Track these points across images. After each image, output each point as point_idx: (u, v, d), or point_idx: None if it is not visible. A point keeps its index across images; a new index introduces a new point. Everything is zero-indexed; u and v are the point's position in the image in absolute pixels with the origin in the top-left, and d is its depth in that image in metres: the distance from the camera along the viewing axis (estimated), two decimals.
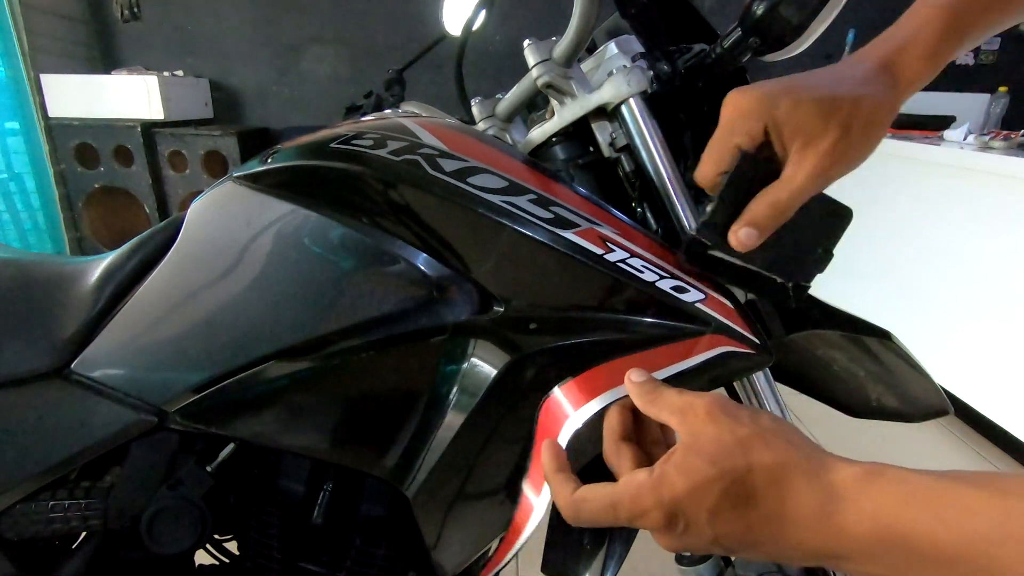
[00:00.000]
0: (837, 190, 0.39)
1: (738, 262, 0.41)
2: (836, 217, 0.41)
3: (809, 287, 0.42)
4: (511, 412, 0.47)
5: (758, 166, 0.38)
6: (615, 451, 0.37)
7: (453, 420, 0.49)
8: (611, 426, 0.39)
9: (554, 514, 0.60)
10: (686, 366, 0.43)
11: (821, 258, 0.41)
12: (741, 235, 0.39)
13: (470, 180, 0.46)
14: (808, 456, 0.30)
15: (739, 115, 0.39)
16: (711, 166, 0.40)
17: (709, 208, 0.40)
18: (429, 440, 0.49)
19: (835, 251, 0.41)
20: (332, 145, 0.51)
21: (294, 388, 0.50)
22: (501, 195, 0.46)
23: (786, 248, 0.40)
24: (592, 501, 0.34)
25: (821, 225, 0.41)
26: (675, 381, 0.42)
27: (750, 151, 0.38)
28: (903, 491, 0.28)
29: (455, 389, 0.49)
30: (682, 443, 0.32)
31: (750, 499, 0.30)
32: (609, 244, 0.45)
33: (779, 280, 0.41)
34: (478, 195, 0.46)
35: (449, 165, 0.47)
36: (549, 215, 0.45)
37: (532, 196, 0.46)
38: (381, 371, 0.50)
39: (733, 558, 0.77)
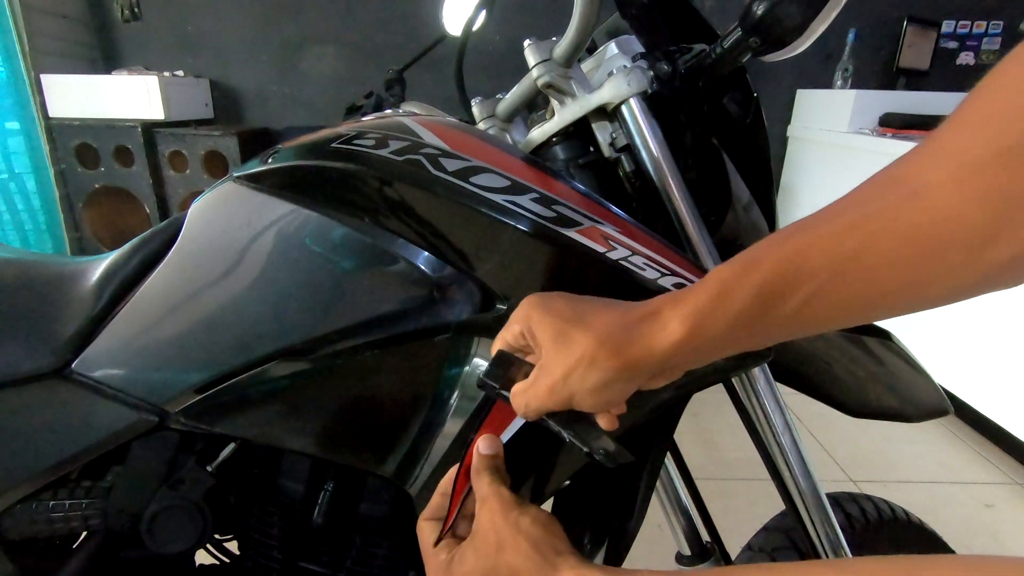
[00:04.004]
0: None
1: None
2: (589, 450, 0.38)
3: (611, 465, 0.37)
4: None
5: (516, 362, 0.39)
6: (419, 527, 0.41)
7: (457, 418, 0.49)
8: (429, 506, 0.42)
9: (555, 514, 0.60)
10: None
11: (605, 457, 0.37)
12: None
13: (472, 179, 0.46)
14: (543, 562, 0.33)
15: (513, 315, 0.39)
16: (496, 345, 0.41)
17: (489, 365, 0.40)
18: (432, 438, 0.49)
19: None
20: (333, 145, 0.51)
21: (296, 388, 0.50)
22: (503, 194, 0.46)
23: (574, 426, 0.38)
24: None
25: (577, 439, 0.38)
26: None
27: (509, 352, 0.40)
28: None
29: (458, 387, 0.49)
30: (472, 531, 0.37)
31: None
32: (611, 242, 0.45)
33: (573, 439, 0.38)
34: (480, 194, 0.46)
35: (451, 164, 0.47)
36: (551, 214, 0.45)
37: (534, 195, 0.46)
38: (384, 370, 0.50)
39: (733, 558, 0.78)
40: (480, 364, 0.48)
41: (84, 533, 0.58)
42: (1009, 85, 0.27)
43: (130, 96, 2.26)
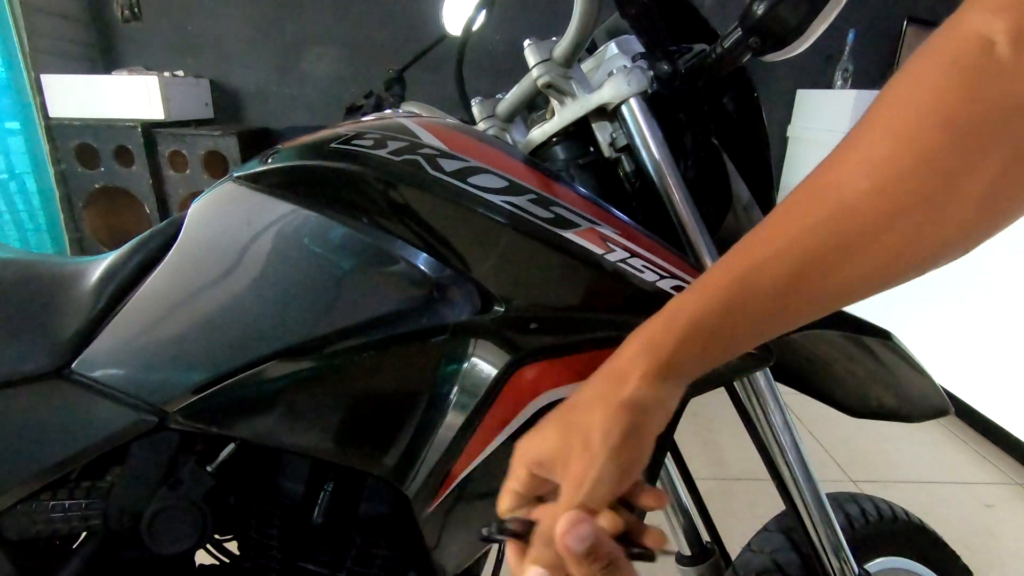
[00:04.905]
0: None
1: None
2: None
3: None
4: None
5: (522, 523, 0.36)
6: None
7: (453, 419, 0.49)
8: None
9: None
10: None
11: None
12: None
13: (470, 180, 0.46)
14: None
15: (513, 462, 0.36)
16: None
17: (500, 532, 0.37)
18: (430, 439, 0.49)
19: None
20: (332, 145, 0.51)
21: (295, 388, 0.50)
22: (501, 195, 0.46)
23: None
24: None
25: None
26: None
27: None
28: None
29: (455, 388, 0.49)
30: None
31: None
32: (610, 244, 0.45)
33: None
34: (478, 195, 0.46)
35: (449, 165, 0.47)
36: (550, 215, 0.45)
37: (532, 196, 0.46)
38: (382, 371, 0.50)
39: (733, 558, 0.78)
40: (477, 365, 0.48)
41: (84, 533, 0.58)
42: (927, 92, 0.28)
43: (130, 96, 2.26)
